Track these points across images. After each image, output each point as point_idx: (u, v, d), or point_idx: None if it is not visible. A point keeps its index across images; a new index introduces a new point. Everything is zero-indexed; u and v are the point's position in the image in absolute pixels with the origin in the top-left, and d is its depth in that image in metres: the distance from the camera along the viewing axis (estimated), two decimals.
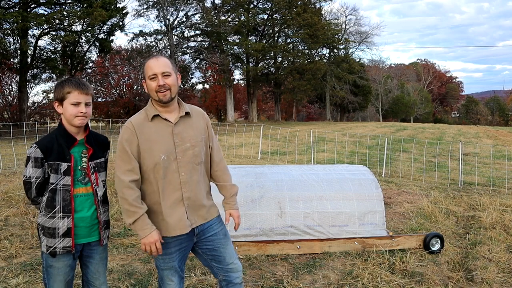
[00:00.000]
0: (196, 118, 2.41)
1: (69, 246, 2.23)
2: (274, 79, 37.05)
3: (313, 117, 58.83)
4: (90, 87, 2.29)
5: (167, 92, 2.25)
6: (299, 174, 4.82)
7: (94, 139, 2.36)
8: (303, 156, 12.16)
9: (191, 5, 31.00)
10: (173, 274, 2.40)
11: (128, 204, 2.19)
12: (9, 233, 4.77)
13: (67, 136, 2.25)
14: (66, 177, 2.22)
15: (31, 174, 2.20)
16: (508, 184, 8.64)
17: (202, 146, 2.38)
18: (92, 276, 2.40)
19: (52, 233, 2.20)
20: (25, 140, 11.84)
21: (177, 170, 2.28)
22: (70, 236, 2.22)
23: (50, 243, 2.21)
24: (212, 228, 2.43)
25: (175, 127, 2.30)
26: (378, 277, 3.75)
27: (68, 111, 2.23)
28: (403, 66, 72.74)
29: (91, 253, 2.36)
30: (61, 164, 2.20)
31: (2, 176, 8.01)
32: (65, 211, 2.21)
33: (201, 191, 2.39)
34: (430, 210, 5.99)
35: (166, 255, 2.35)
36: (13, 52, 23.53)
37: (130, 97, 37.56)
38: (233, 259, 2.47)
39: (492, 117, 63.15)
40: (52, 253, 2.22)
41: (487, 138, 22.09)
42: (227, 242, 2.47)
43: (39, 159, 2.18)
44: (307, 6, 34.73)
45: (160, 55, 2.46)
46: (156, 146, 2.25)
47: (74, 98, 2.22)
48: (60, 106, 2.26)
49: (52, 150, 2.20)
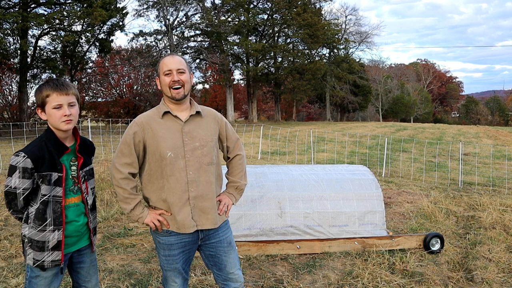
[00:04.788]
0: (207, 119, 2.39)
1: (58, 259, 2.10)
2: (274, 79, 37.05)
3: (313, 117, 58.85)
4: (71, 86, 2.11)
5: (180, 90, 2.28)
6: (299, 174, 4.82)
7: (82, 146, 2.25)
8: (303, 156, 12.16)
9: (191, 5, 31.02)
10: (176, 276, 2.39)
11: (127, 193, 2.26)
12: (9, 233, 4.77)
13: (57, 144, 2.09)
14: (57, 187, 2.07)
15: (18, 185, 2.02)
16: (508, 184, 8.64)
17: (212, 147, 2.35)
18: (84, 280, 2.31)
19: (42, 246, 2.06)
20: (25, 140, 11.84)
21: (184, 168, 2.27)
22: (60, 249, 2.10)
23: (38, 257, 2.07)
24: (217, 235, 2.39)
25: (185, 125, 2.31)
26: (378, 277, 3.75)
27: (52, 116, 2.06)
28: (403, 66, 72.71)
29: (81, 258, 2.27)
30: (52, 174, 2.05)
31: (2, 176, 8.01)
32: (56, 223, 2.07)
33: (211, 193, 2.34)
34: (430, 210, 5.99)
35: (169, 256, 2.35)
36: (13, 52, 23.52)
37: (130, 97, 37.53)
38: (234, 269, 2.43)
39: (492, 117, 63.16)
40: (40, 266, 2.08)
41: (487, 138, 22.09)
42: (230, 251, 2.43)
43: (29, 169, 2.01)
44: (307, 6, 34.73)
45: (175, 53, 2.48)
46: (163, 142, 2.26)
47: (54, 101, 2.04)
48: (42, 112, 2.09)
49: (43, 160, 2.03)
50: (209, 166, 2.33)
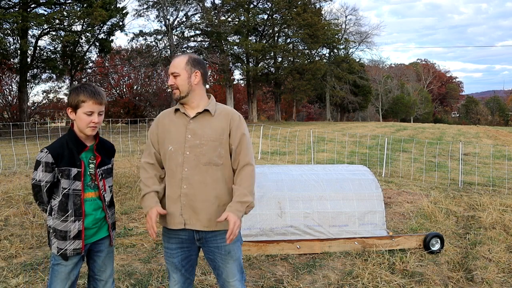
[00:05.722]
0: (218, 118, 2.35)
1: (79, 248, 2.28)
2: (274, 79, 37.04)
3: (313, 117, 58.83)
4: (104, 96, 2.30)
5: (176, 91, 2.34)
6: (299, 174, 4.82)
7: (101, 147, 2.42)
8: (303, 156, 12.16)
9: (191, 5, 31.00)
10: (173, 271, 2.41)
11: (141, 183, 2.39)
12: (9, 233, 4.77)
13: (77, 142, 2.28)
14: (76, 182, 2.26)
15: (41, 178, 2.22)
16: (508, 184, 8.64)
17: (215, 147, 2.29)
18: (99, 270, 2.44)
19: (64, 235, 2.25)
20: (25, 140, 11.84)
21: (181, 164, 2.29)
22: (80, 238, 2.28)
23: (61, 246, 2.26)
24: (215, 240, 2.34)
25: (192, 122, 2.33)
26: (378, 277, 3.75)
27: (81, 120, 2.24)
28: (403, 66, 72.69)
29: (99, 247, 2.42)
30: (71, 169, 2.24)
31: (2, 176, 8.02)
32: (76, 214, 2.26)
33: (205, 194, 2.28)
34: (430, 210, 5.99)
35: (167, 249, 2.40)
36: (13, 52, 23.54)
37: (130, 97, 37.59)
38: (232, 280, 2.37)
39: (492, 117, 63.18)
40: (63, 255, 2.26)
41: (487, 138, 22.09)
42: (228, 261, 2.36)
43: (50, 164, 2.21)
44: (307, 6, 34.72)
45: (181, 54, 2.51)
46: (168, 136, 2.35)
47: (89, 107, 2.22)
48: (73, 112, 2.26)
49: (63, 156, 2.22)
50: (206, 166, 2.29)
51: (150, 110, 38.27)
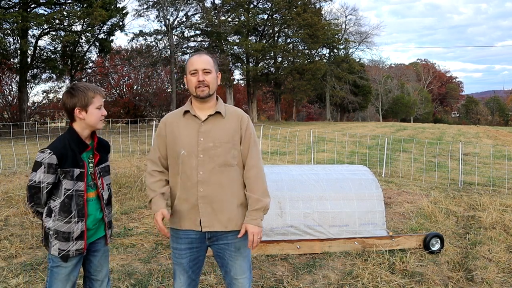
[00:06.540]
0: (229, 119, 2.35)
1: (81, 248, 2.29)
2: (274, 79, 37.03)
3: (313, 117, 58.83)
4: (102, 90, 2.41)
5: (205, 88, 2.29)
6: (299, 174, 4.82)
7: (99, 145, 2.42)
8: (303, 156, 12.16)
9: (191, 5, 31.02)
10: (181, 272, 2.38)
11: (147, 188, 2.41)
12: (9, 233, 4.77)
13: (79, 142, 2.28)
14: (79, 182, 2.25)
15: (42, 179, 2.18)
16: (508, 184, 8.65)
17: (228, 149, 2.30)
18: (95, 270, 2.44)
19: (67, 237, 2.24)
20: (25, 140, 11.84)
21: (196, 167, 2.27)
22: (83, 239, 2.28)
23: (64, 247, 2.24)
24: (226, 237, 2.34)
25: (203, 125, 2.31)
26: (378, 277, 3.75)
27: (94, 116, 2.27)
28: (403, 66, 72.69)
29: (96, 247, 2.42)
30: (74, 170, 2.23)
31: (2, 176, 8.02)
32: (79, 215, 2.26)
33: (223, 195, 2.30)
34: (430, 210, 5.99)
35: (176, 249, 2.38)
36: (13, 52, 23.53)
37: (130, 97, 37.58)
38: (240, 277, 2.36)
39: (492, 117, 63.19)
40: (64, 256, 2.25)
41: (487, 138, 22.10)
42: (238, 257, 2.36)
43: (54, 165, 2.18)
44: (307, 6, 34.72)
45: (203, 52, 2.45)
46: (179, 140, 2.31)
47: (99, 102, 2.28)
48: (82, 111, 2.25)
49: (67, 157, 2.21)
50: (222, 167, 2.29)
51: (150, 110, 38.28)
